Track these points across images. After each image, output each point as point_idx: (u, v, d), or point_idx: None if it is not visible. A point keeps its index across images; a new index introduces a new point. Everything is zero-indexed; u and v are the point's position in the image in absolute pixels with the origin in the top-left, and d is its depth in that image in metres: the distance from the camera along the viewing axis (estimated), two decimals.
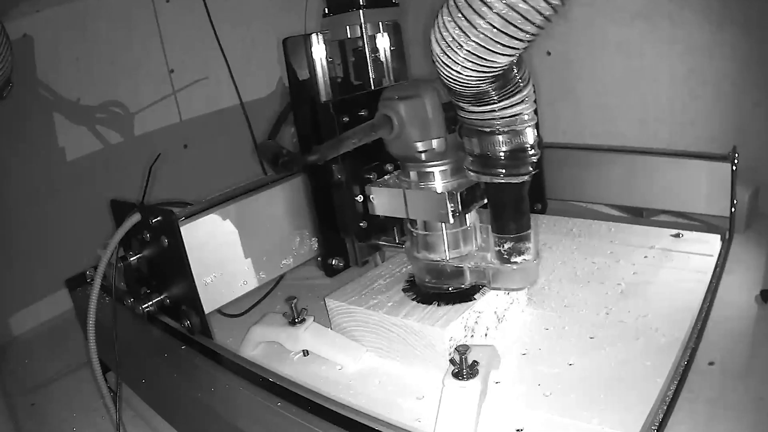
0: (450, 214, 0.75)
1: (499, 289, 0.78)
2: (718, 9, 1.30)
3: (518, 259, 0.73)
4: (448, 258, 0.80)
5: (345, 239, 1.01)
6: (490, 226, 0.74)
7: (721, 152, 1.08)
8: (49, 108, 1.39)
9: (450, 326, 0.74)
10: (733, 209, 1.05)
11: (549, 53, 1.58)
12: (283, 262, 1.01)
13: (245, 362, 0.82)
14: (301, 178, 1.02)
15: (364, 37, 1.00)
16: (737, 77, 1.31)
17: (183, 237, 0.84)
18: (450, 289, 0.81)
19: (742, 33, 1.28)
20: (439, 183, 0.80)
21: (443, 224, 0.79)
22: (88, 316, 0.87)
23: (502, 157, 0.68)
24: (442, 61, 0.60)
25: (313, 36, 0.92)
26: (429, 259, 0.81)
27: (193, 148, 1.67)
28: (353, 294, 0.85)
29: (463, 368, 0.65)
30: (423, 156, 0.78)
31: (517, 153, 0.68)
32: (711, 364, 0.81)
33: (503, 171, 0.68)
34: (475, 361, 0.66)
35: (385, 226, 1.00)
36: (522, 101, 0.65)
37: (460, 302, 0.79)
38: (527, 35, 0.56)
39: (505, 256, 0.73)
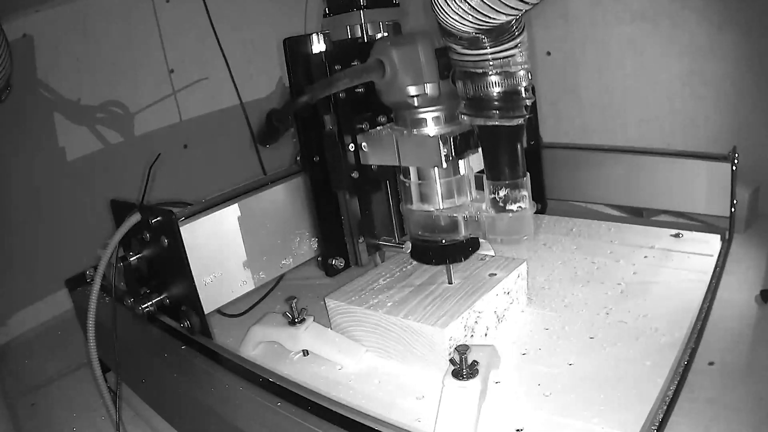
0: (443, 159, 0.75)
1: (495, 239, 0.77)
2: (719, 9, 1.30)
3: (513, 206, 0.73)
4: (441, 208, 0.80)
5: (345, 239, 1.01)
6: (484, 175, 0.74)
7: (721, 152, 1.08)
8: (50, 108, 1.39)
9: (450, 326, 0.74)
10: (733, 209, 1.05)
11: (549, 53, 1.58)
12: (282, 262, 1.00)
13: (245, 362, 0.82)
14: (302, 178, 1.01)
15: (365, 37, 1.00)
16: (737, 77, 1.31)
17: (183, 237, 0.84)
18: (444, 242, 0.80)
19: (742, 33, 1.28)
20: (432, 129, 0.80)
21: (437, 173, 0.79)
22: (88, 316, 0.87)
23: (495, 99, 0.68)
24: (442, 7, 0.60)
25: (314, 36, 0.92)
26: (422, 209, 0.81)
27: (194, 149, 1.67)
28: (353, 294, 0.85)
29: (463, 368, 0.65)
30: (415, 101, 0.78)
31: (511, 95, 0.68)
32: (711, 364, 0.81)
33: (496, 113, 0.68)
34: (475, 361, 0.66)
35: (378, 180, 0.98)
36: (515, 46, 0.66)
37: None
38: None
39: (500, 203, 0.73)
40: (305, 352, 0.84)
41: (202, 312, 0.87)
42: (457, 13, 0.59)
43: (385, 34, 1.02)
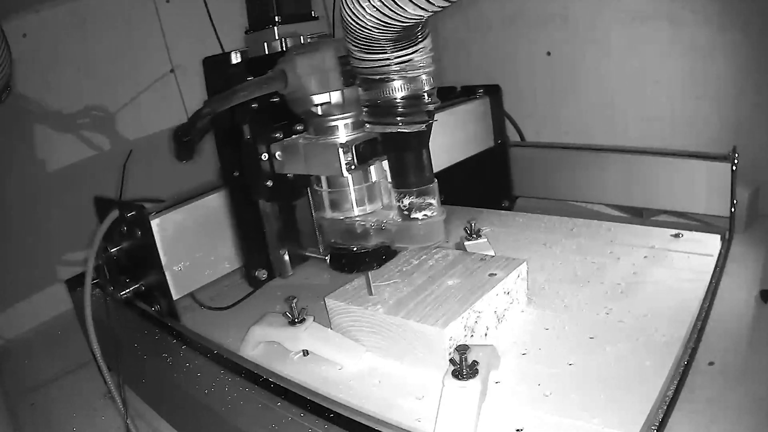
0: (344, 167, 0.75)
1: (403, 248, 0.77)
2: (719, 10, 1.30)
3: (419, 215, 0.72)
4: (353, 215, 0.80)
5: (268, 251, 1.03)
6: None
7: (721, 152, 1.08)
8: (49, 108, 1.39)
9: (450, 326, 0.74)
10: (733, 209, 1.05)
11: (549, 53, 1.58)
12: None
13: (245, 362, 0.82)
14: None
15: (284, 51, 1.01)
16: (737, 78, 1.31)
17: (153, 230, 0.94)
18: (354, 249, 0.81)
19: (742, 34, 1.28)
20: (342, 137, 0.80)
21: (349, 180, 0.80)
22: (85, 313, 0.88)
23: (396, 106, 0.67)
24: (349, 6, 0.60)
25: (232, 54, 0.93)
26: (333, 217, 0.82)
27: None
28: (353, 294, 0.85)
29: (463, 368, 0.65)
30: (320, 110, 0.78)
31: (412, 101, 0.67)
32: (711, 364, 0.81)
33: (398, 119, 0.68)
34: (475, 361, 0.66)
35: (295, 187, 0.97)
36: (416, 51, 0.65)
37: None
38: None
39: (406, 212, 0.73)
40: (305, 352, 0.84)
41: (170, 296, 0.96)
42: (363, 7, 0.59)
43: None
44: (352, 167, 0.75)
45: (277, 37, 1.01)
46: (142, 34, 1.54)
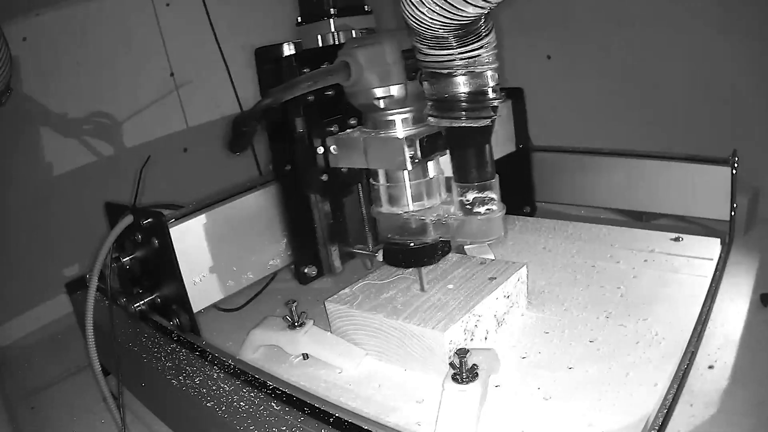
0: (408, 161, 0.75)
1: (464, 242, 0.77)
2: (719, 13, 1.30)
3: (482, 209, 0.72)
4: (410, 210, 0.80)
5: (318, 248, 1.00)
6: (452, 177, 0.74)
7: (721, 156, 1.08)
8: (50, 112, 1.40)
9: (450, 330, 0.74)
10: (733, 213, 1.05)
11: (549, 57, 1.58)
12: (270, 262, 1.02)
13: (245, 365, 0.82)
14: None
15: (338, 44, 1.01)
16: (737, 81, 1.31)
17: (172, 238, 0.86)
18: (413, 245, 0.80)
19: (742, 37, 1.28)
20: (399, 131, 0.79)
21: (405, 175, 0.79)
22: (86, 318, 0.88)
23: (462, 101, 0.68)
24: (410, 3, 0.60)
25: (285, 45, 0.92)
26: (391, 212, 0.81)
27: (193, 152, 1.67)
28: (353, 297, 0.85)
29: (463, 372, 0.65)
30: (382, 103, 0.78)
31: (477, 96, 0.68)
32: (711, 367, 0.81)
33: (463, 114, 0.68)
34: (474, 365, 0.66)
35: (349, 182, 0.97)
36: (482, 47, 0.65)
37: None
38: None
39: (468, 206, 0.73)
40: (305, 356, 0.84)
41: (190, 310, 0.89)
42: (424, 3, 0.59)
43: None
44: (416, 161, 0.75)
45: (332, 30, 1.00)
46: (141, 38, 1.54)
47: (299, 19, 1.04)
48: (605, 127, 1.55)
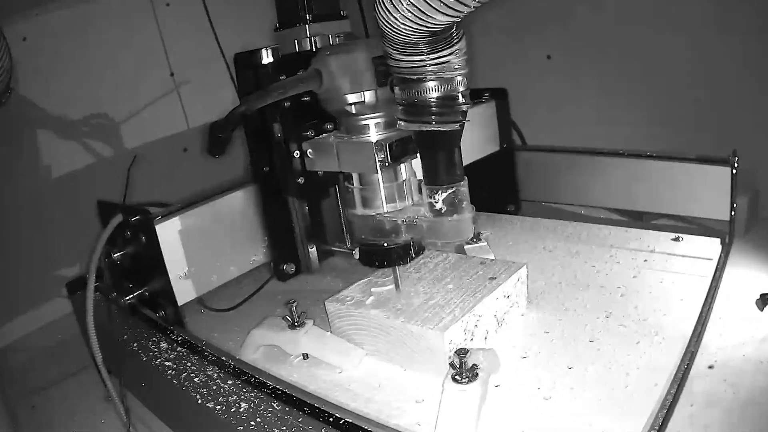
0: (378, 164, 0.77)
1: (434, 243, 0.79)
2: (719, 13, 1.30)
3: (450, 211, 0.74)
4: (384, 212, 0.82)
5: (296, 247, 1.04)
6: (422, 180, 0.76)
7: (721, 156, 1.08)
8: (50, 112, 1.40)
9: (450, 330, 0.74)
10: (733, 213, 1.05)
11: (549, 57, 1.58)
12: (252, 258, 1.06)
13: (245, 366, 0.82)
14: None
15: (314, 50, 1.03)
16: (737, 81, 1.31)
17: (158, 234, 0.91)
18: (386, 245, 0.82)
19: (742, 37, 1.28)
20: (372, 136, 0.82)
21: (379, 178, 0.81)
22: (87, 318, 0.88)
23: (432, 105, 0.69)
24: (384, 8, 0.61)
25: (263, 50, 0.95)
26: (365, 214, 0.83)
27: (194, 152, 1.67)
28: (353, 297, 0.85)
29: (463, 372, 0.65)
30: (354, 109, 0.80)
31: (447, 101, 0.69)
32: (711, 367, 0.81)
33: (433, 118, 0.69)
34: (474, 365, 0.66)
35: (325, 185, 1.01)
36: (452, 53, 0.67)
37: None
38: (473, 1, 0.58)
39: (437, 208, 0.74)
40: (305, 356, 0.84)
41: (175, 302, 0.93)
42: (398, 10, 0.60)
43: None
44: (386, 164, 0.78)
45: (308, 35, 1.03)
46: (141, 38, 1.54)
47: (276, 25, 1.05)
48: (605, 126, 1.55)
